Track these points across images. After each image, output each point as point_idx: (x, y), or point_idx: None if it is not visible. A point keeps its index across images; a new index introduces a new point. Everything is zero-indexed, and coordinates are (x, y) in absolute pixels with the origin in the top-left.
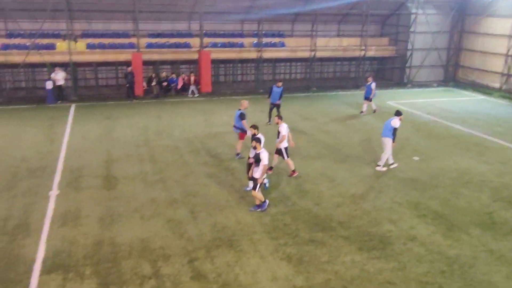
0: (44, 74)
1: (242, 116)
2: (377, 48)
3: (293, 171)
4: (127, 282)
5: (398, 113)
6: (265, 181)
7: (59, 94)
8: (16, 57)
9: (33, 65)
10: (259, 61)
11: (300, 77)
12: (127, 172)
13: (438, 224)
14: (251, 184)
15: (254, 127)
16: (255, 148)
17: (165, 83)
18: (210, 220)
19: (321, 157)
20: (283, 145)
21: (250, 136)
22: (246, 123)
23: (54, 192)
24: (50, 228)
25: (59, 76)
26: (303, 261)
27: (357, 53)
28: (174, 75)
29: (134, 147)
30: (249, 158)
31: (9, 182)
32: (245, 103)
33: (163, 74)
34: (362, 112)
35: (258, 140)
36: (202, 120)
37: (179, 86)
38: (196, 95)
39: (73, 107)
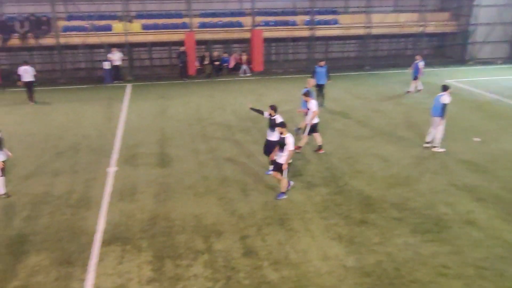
0: (102, 55)
1: (307, 94)
2: (437, 23)
3: (320, 148)
4: (181, 256)
5: (445, 88)
6: (290, 183)
7: (116, 74)
8: (76, 39)
9: (91, 46)
10: (311, 40)
11: (353, 56)
12: (181, 150)
13: (498, 209)
14: (271, 167)
15: (272, 107)
16: (281, 133)
17: (217, 63)
18: (261, 198)
19: (373, 137)
20: (316, 120)
21: (268, 116)
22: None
23: (112, 169)
24: (109, 203)
25: (116, 57)
26: (354, 241)
27: (414, 30)
28: (226, 54)
29: (187, 126)
30: (267, 140)
31: (72, 158)
32: (311, 81)
33: (215, 54)
34: (408, 91)
35: (283, 125)
36: (254, 99)
37: (231, 65)
38: (248, 74)
39: (129, 86)
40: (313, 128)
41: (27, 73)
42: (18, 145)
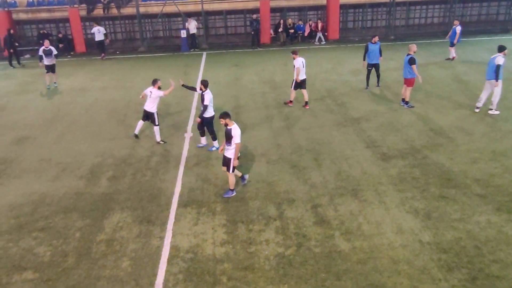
0: (179, 23)
1: (411, 61)
2: None
3: (307, 103)
4: (253, 221)
5: (501, 49)
6: (245, 176)
7: (192, 43)
8: (155, 8)
9: (169, 15)
10: (391, 5)
11: (438, 22)
12: (254, 118)
13: None
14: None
15: (203, 83)
16: (225, 124)
17: (291, 30)
18: (334, 168)
19: (457, 109)
20: (301, 77)
21: (200, 92)
22: (415, 68)
23: (188, 134)
24: (186, 167)
25: (192, 25)
26: (432, 216)
27: None
28: (301, 22)
29: (261, 94)
30: (200, 116)
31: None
32: (413, 47)
33: (290, 21)
34: (448, 59)
35: (226, 115)
36: (329, 68)
37: (306, 33)
38: (323, 42)
39: (204, 54)
40: (300, 85)
41: (99, 32)
42: (103, 110)
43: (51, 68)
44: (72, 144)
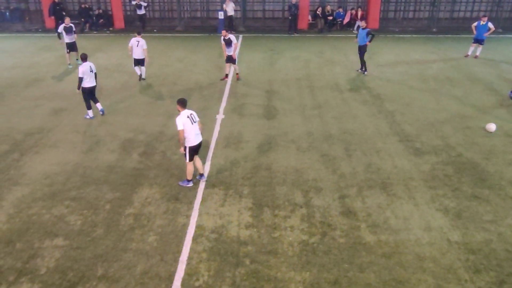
0: (217, 4)
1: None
2: None
3: (237, 74)
4: (279, 206)
5: None
6: (203, 176)
7: (229, 25)
8: None
9: None
10: None
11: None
12: (287, 104)
13: None
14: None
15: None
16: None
17: (330, 17)
18: (364, 159)
19: (497, 108)
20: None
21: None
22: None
23: (220, 116)
24: (215, 148)
25: (230, 7)
26: (462, 216)
27: None
28: (340, 9)
29: (295, 80)
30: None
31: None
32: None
33: (329, 8)
34: (467, 55)
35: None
36: (366, 57)
37: (346, 21)
38: None
39: (240, 37)
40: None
41: (139, 8)
42: (137, 86)
43: (72, 46)
44: (106, 118)
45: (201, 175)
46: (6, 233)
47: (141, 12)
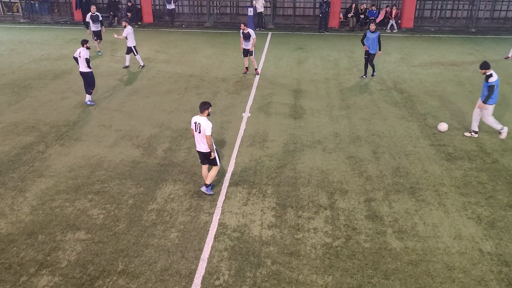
0: (246, 1)
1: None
2: None
3: (256, 69)
4: (303, 207)
5: None
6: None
7: (259, 22)
8: None
9: None
10: None
11: None
12: (314, 104)
13: None
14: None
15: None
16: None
17: (362, 16)
18: (393, 163)
19: None
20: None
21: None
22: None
23: (246, 114)
24: (241, 146)
25: (259, 4)
26: (496, 225)
27: None
28: (374, 7)
29: (323, 80)
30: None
31: (211, 100)
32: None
33: (363, 6)
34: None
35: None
36: (399, 58)
37: (378, 20)
38: (395, 30)
39: (269, 34)
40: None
41: (169, 3)
42: (165, 82)
43: (98, 35)
44: (132, 113)
45: (206, 186)
46: (29, 224)
47: (171, 6)
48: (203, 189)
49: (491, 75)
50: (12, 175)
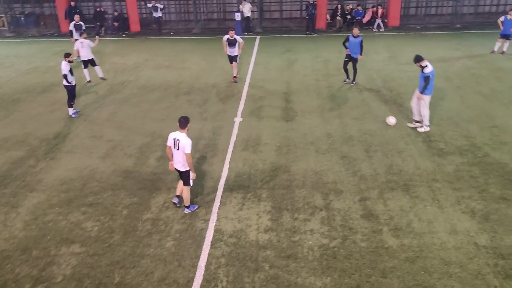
0: (233, 6)
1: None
2: None
3: (235, 77)
4: (299, 209)
5: None
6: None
7: (246, 26)
8: None
9: None
10: None
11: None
12: (306, 106)
13: None
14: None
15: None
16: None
17: (349, 16)
18: (386, 161)
19: None
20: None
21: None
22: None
23: (238, 119)
24: (233, 151)
25: (246, 8)
26: (490, 219)
27: None
28: (359, 8)
29: (313, 81)
30: None
31: (202, 106)
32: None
33: (349, 7)
34: (493, 51)
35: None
36: (387, 56)
37: (365, 20)
38: (382, 29)
39: (257, 38)
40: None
41: (156, 11)
42: (154, 90)
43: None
44: (123, 123)
45: (178, 197)
46: (22, 240)
47: (158, 14)
48: (186, 211)
49: (426, 66)
50: (4, 191)
